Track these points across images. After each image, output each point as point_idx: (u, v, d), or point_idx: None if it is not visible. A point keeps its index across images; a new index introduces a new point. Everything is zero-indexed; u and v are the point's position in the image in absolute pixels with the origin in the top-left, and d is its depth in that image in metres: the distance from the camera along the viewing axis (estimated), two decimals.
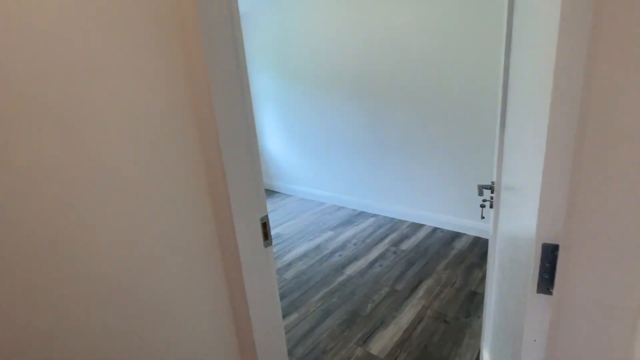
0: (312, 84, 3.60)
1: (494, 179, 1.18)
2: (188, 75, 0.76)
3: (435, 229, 3.00)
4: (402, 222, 3.22)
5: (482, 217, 1.25)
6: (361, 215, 3.48)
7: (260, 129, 4.46)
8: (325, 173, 3.84)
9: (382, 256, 2.58)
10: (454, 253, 2.56)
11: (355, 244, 2.81)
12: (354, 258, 2.58)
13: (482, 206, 1.22)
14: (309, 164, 4.00)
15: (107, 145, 0.65)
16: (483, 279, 2.19)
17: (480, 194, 1.17)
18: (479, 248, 2.61)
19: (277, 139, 4.29)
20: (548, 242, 0.51)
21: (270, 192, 4.53)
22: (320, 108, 3.62)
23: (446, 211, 2.95)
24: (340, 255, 2.64)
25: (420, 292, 2.10)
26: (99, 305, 0.66)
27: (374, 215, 3.43)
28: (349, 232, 3.07)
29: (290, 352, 1.68)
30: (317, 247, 2.81)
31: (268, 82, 4.09)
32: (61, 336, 0.62)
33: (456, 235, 2.85)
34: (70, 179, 0.61)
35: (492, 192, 1.19)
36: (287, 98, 3.93)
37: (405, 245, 2.74)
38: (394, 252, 2.63)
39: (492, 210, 1.21)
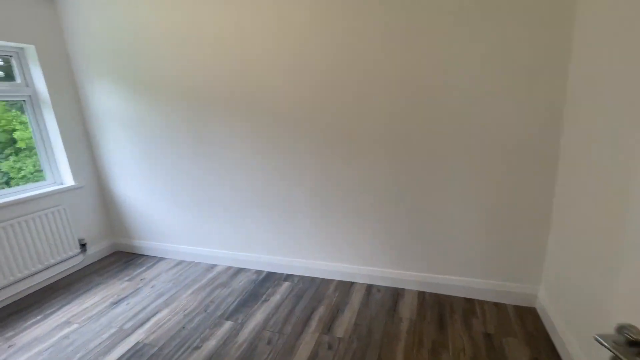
0: (186, 102, 2.52)
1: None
2: None
3: (369, 288, 2.32)
4: (326, 282, 2.43)
5: None
6: (270, 279, 2.53)
7: (109, 168, 3.02)
8: (214, 224, 2.75)
9: (314, 359, 1.70)
10: (406, 327, 1.89)
11: (270, 342, 1.84)
12: None
13: None
14: (189, 213, 2.82)
15: None
16: None
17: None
18: (429, 310, 2.03)
19: (137, 181, 2.95)
20: None
21: (134, 258, 3.09)
22: (201, 135, 2.55)
23: (378, 261, 2.31)
24: None
25: None
26: None
27: (287, 278, 2.53)
28: (257, 316, 2.08)
29: None
30: None
31: (115, 98, 2.77)
32: None
33: (396, 294, 2.22)
34: None
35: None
36: (149, 122, 2.70)
37: (340, 328, 1.93)
38: (329, 347, 1.78)
39: None
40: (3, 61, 2.58)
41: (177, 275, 2.68)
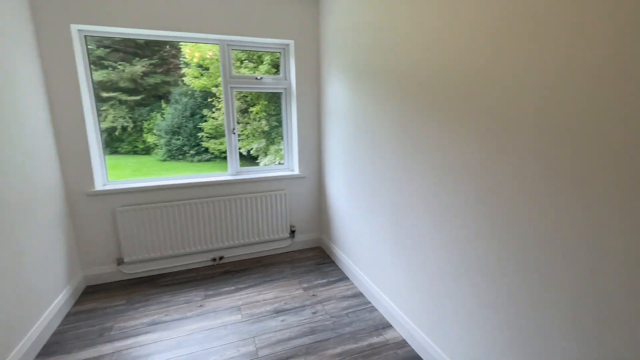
0: (404, 111, 1.78)
1: None
2: None
3: None
4: None
5: None
6: None
7: (327, 164, 2.89)
8: (403, 273, 1.90)
9: None
10: None
11: None
12: None
13: None
14: (380, 246, 2.14)
15: None
16: None
17: None
18: None
19: (343, 185, 2.63)
20: None
21: (325, 264, 2.88)
22: (415, 153, 1.75)
23: None
24: None
25: None
26: None
27: None
28: None
29: None
30: None
31: (342, 96, 2.50)
32: None
33: None
34: None
35: None
36: (362, 129, 2.22)
37: None
38: None
39: None
40: (272, 56, 2.95)
41: (344, 313, 2.13)
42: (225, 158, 2.94)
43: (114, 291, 2.43)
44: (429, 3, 1.47)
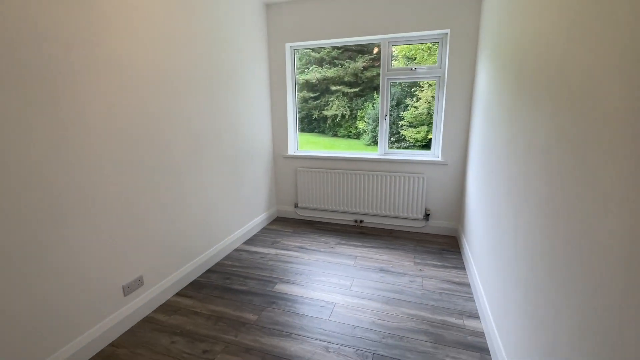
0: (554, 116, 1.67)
1: None
2: None
3: None
4: None
5: None
6: None
7: (472, 154, 2.83)
8: (515, 311, 1.82)
9: None
10: None
11: None
12: None
13: None
14: (494, 266, 2.07)
15: None
16: None
17: None
18: None
19: (474, 175, 2.55)
20: None
21: (452, 252, 2.92)
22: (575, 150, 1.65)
23: None
24: None
25: None
26: None
27: None
28: None
29: None
30: None
31: (482, 76, 2.41)
32: None
33: None
34: None
35: None
36: (494, 113, 2.13)
37: None
38: None
39: None
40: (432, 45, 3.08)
41: (438, 291, 2.25)
42: (421, 147, 3.43)
43: (289, 223, 3.61)
44: None
